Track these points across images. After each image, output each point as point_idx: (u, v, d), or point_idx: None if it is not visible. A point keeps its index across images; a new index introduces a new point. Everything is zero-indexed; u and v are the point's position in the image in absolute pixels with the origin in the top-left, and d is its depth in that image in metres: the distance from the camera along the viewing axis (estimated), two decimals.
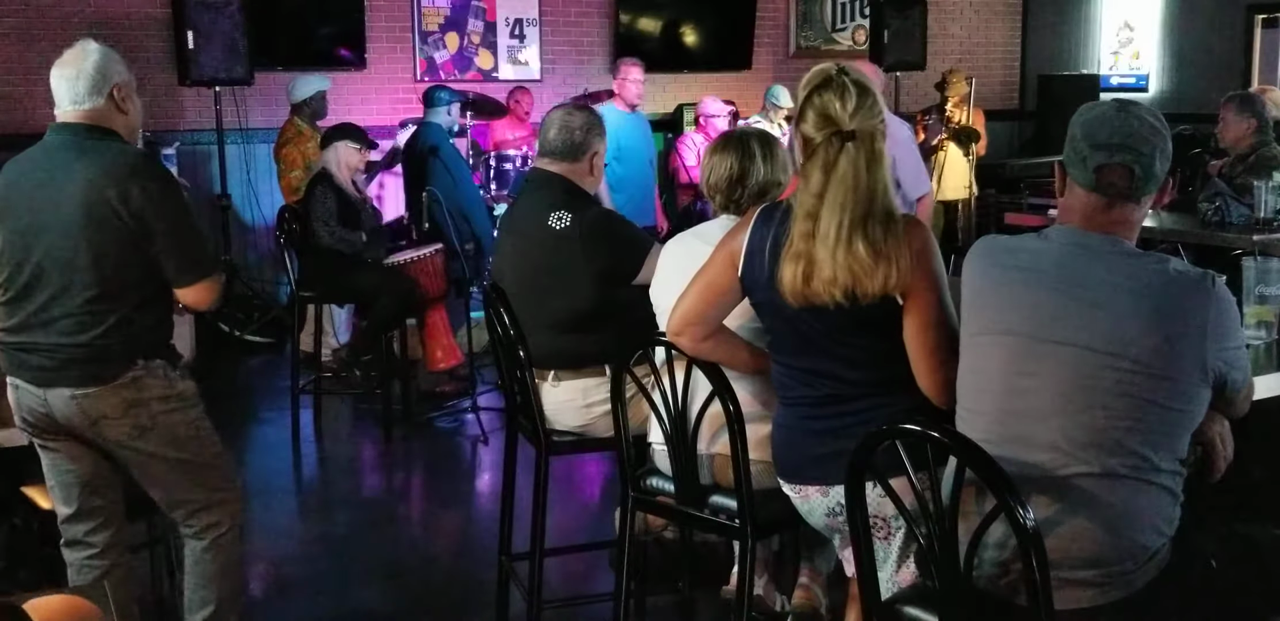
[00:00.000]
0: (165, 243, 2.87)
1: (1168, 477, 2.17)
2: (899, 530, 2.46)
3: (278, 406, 6.04)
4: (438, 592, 4.04)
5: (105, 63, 2.95)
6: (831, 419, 2.55)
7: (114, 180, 2.82)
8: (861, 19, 10.07)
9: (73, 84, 2.91)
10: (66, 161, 2.87)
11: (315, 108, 7.06)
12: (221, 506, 3.11)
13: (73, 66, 2.92)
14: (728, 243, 2.63)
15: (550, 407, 3.37)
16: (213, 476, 3.10)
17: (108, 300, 2.87)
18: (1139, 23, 10.29)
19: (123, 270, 2.87)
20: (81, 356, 2.88)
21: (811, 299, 2.44)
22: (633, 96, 7.08)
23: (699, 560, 3.72)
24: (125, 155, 2.91)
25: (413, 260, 5.83)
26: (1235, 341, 2.22)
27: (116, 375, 2.90)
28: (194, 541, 3.11)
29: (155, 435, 2.96)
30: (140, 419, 2.94)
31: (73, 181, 2.83)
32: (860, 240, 2.39)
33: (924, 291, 2.43)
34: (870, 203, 2.41)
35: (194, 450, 3.04)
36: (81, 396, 2.89)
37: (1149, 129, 2.22)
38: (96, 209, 2.81)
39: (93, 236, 2.83)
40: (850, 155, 2.41)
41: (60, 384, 2.89)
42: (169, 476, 3.03)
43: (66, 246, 2.84)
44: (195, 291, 2.96)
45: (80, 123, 2.91)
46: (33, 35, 7.50)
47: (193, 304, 3.02)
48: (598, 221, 3.45)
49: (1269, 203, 5.36)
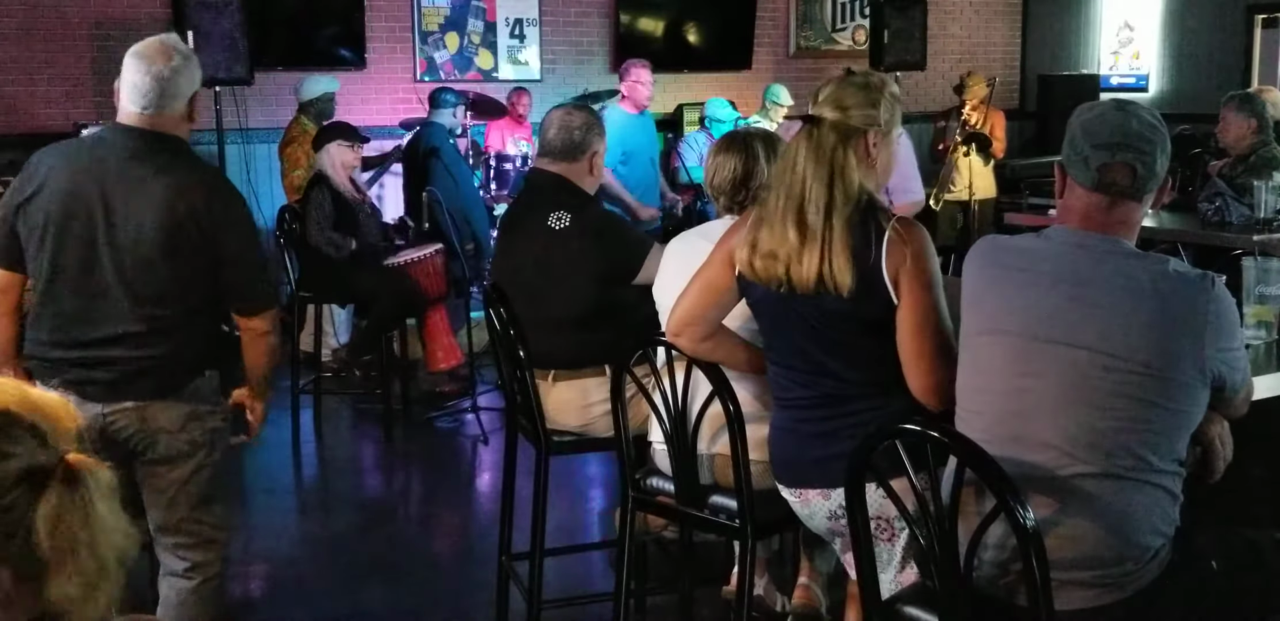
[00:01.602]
0: (232, 268, 2.83)
1: (1167, 478, 2.17)
2: (903, 531, 2.45)
3: (278, 406, 6.00)
4: (438, 592, 4.04)
5: (192, 65, 2.83)
6: (829, 421, 2.55)
7: (191, 198, 2.74)
8: (861, 19, 10.07)
9: (157, 84, 2.76)
10: (138, 174, 2.75)
11: (322, 108, 7.07)
12: (214, 546, 3.03)
13: (159, 65, 2.76)
14: (726, 242, 2.64)
15: (550, 407, 3.37)
16: (217, 513, 3.04)
17: (175, 316, 2.81)
18: (1139, 23, 10.29)
19: (191, 291, 2.82)
20: (153, 367, 2.82)
21: (757, 270, 2.51)
22: (643, 98, 7.09)
23: (699, 560, 3.72)
24: (200, 171, 2.85)
25: (413, 261, 5.83)
26: (1234, 342, 2.22)
27: (182, 385, 2.86)
28: (180, 580, 3.00)
29: (203, 454, 2.92)
30: (195, 434, 2.89)
31: (147, 197, 2.73)
32: (791, 222, 2.45)
33: (917, 293, 2.43)
34: (803, 187, 2.46)
35: (217, 478, 2.99)
36: (145, 407, 2.82)
37: (1149, 128, 2.22)
38: (174, 221, 2.73)
39: (167, 254, 2.75)
40: (798, 138, 2.49)
41: (129, 397, 2.81)
42: (186, 501, 2.94)
43: (140, 257, 2.75)
44: (258, 322, 2.92)
45: (151, 130, 2.79)
46: (33, 35, 7.50)
47: (250, 334, 2.95)
48: (597, 221, 3.45)
49: (1269, 203, 5.35)
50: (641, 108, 7.13)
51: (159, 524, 2.97)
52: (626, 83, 7.14)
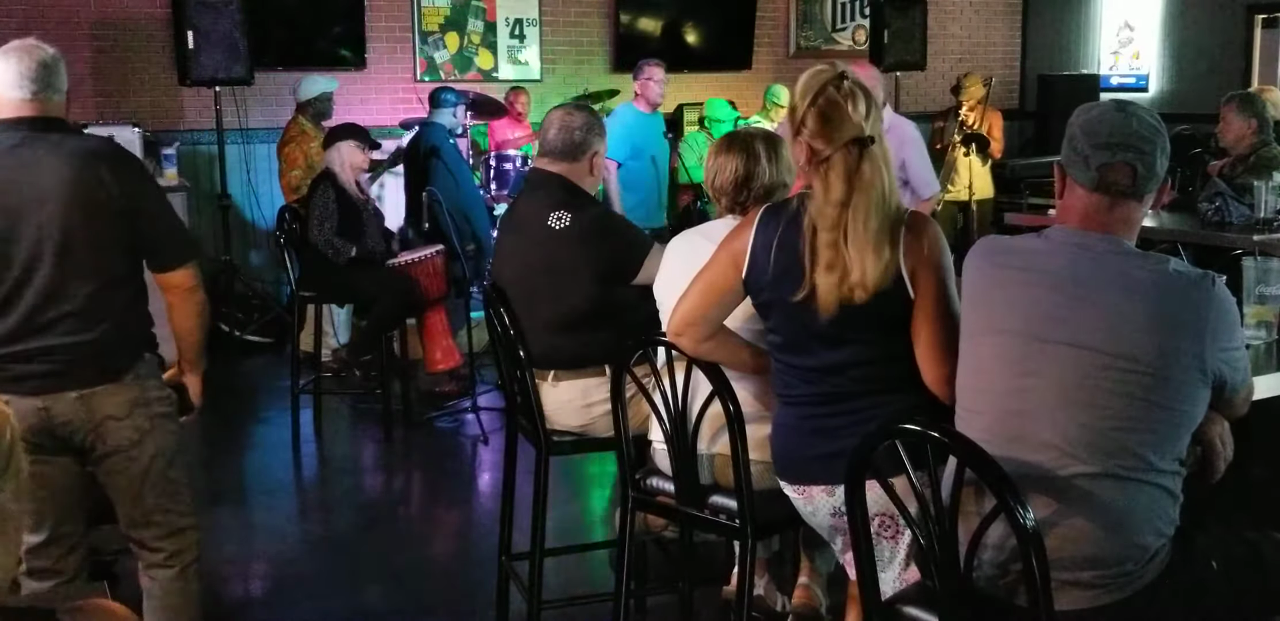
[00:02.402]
0: (152, 223, 2.82)
1: (1167, 478, 2.17)
2: (908, 529, 2.45)
3: (278, 406, 6.04)
4: (438, 592, 4.04)
5: (62, 62, 2.89)
6: (835, 417, 2.55)
7: (101, 161, 2.76)
8: (861, 19, 10.07)
9: (44, 69, 2.81)
10: (39, 153, 2.75)
11: (320, 108, 7.07)
12: (188, 533, 3.02)
13: (39, 53, 2.83)
14: (730, 243, 2.63)
15: (550, 407, 3.37)
16: (184, 499, 3.02)
17: (108, 289, 2.79)
18: (1139, 23, 10.29)
19: (117, 256, 2.80)
20: (91, 353, 2.79)
21: (842, 300, 2.45)
22: (655, 96, 7.10)
23: (699, 560, 3.72)
24: (102, 140, 2.87)
25: (414, 261, 5.83)
26: (1235, 342, 2.22)
27: (125, 369, 2.84)
28: (162, 570, 2.99)
29: (152, 441, 2.90)
30: (141, 421, 2.88)
31: (57, 168, 2.73)
32: (886, 245, 2.42)
33: (933, 285, 2.44)
34: (888, 206, 2.44)
35: (177, 464, 2.98)
36: (89, 395, 2.80)
37: (1149, 128, 2.22)
38: (87, 191, 2.73)
39: (88, 220, 2.74)
40: (872, 162, 2.43)
41: (69, 387, 2.79)
42: (151, 491, 2.93)
43: (59, 235, 2.73)
44: (180, 276, 2.89)
45: (39, 116, 2.80)
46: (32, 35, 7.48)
47: (177, 292, 2.90)
48: (597, 221, 3.45)
49: (1269, 203, 5.35)
50: (655, 106, 7.15)
51: (129, 519, 2.96)
52: (640, 81, 7.14)
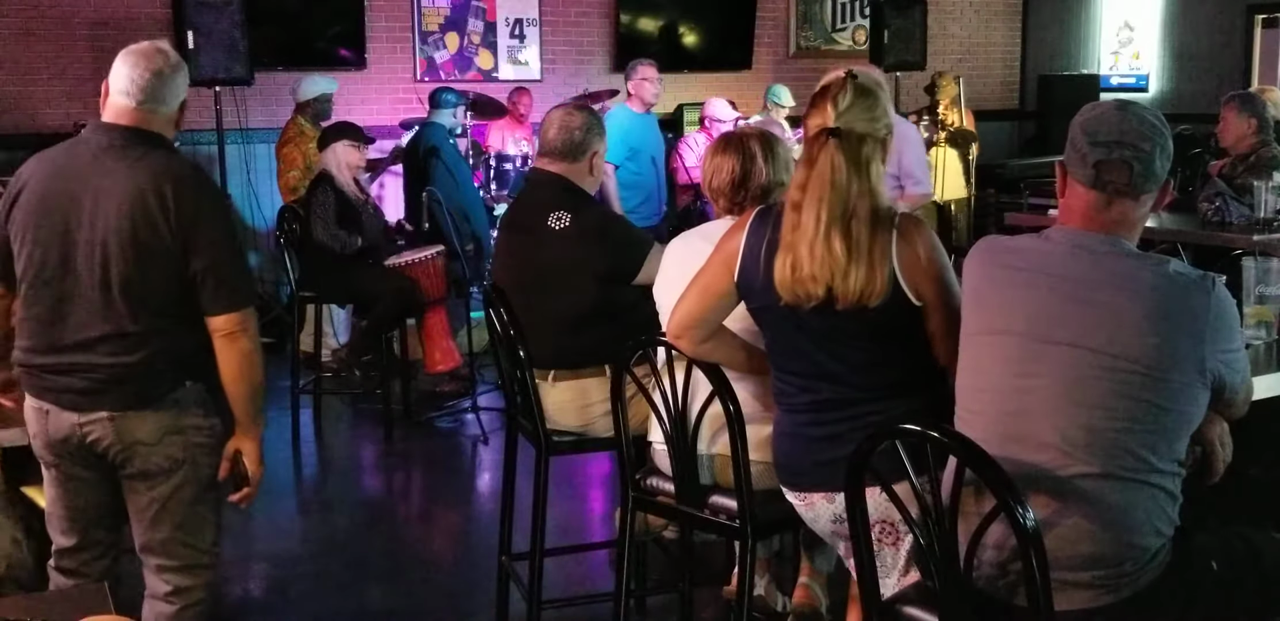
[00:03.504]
0: (201, 259, 2.65)
1: (1167, 478, 2.17)
2: (908, 535, 2.45)
3: (278, 406, 6.02)
4: (438, 592, 4.04)
5: (185, 72, 2.76)
6: (834, 424, 2.54)
7: (163, 189, 2.62)
8: (861, 19, 10.07)
9: (155, 79, 2.69)
10: (117, 165, 2.65)
11: (319, 108, 7.06)
12: (200, 571, 2.86)
13: (159, 62, 2.70)
14: (724, 245, 2.63)
15: (550, 407, 3.37)
16: (207, 536, 2.86)
17: (155, 316, 2.67)
18: (1139, 23, 10.29)
19: (167, 283, 2.66)
20: (128, 376, 2.68)
21: (799, 294, 2.44)
22: (650, 96, 7.09)
23: (699, 560, 3.72)
24: (184, 164, 2.72)
25: (414, 262, 5.83)
26: (1234, 343, 2.22)
27: (162, 396, 2.71)
28: (161, 604, 2.84)
29: (183, 471, 2.76)
30: (173, 449, 2.74)
31: (122, 190, 2.62)
32: (837, 238, 2.39)
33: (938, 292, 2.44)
34: (848, 202, 2.41)
35: (206, 500, 2.83)
36: (120, 418, 2.69)
37: (1149, 127, 2.22)
38: (145, 213, 2.61)
39: (139, 243, 2.62)
40: (829, 152, 2.41)
41: (101, 406, 2.68)
42: (169, 521, 2.79)
43: (109, 253, 2.63)
44: (221, 321, 2.69)
45: (136, 126, 2.70)
46: (33, 35, 7.49)
47: (218, 336, 2.71)
48: (597, 221, 3.45)
49: (1269, 203, 5.35)
50: (648, 106, 7.13)
51: (141, 542, 2.84)
52: (633, 81, 7.14)
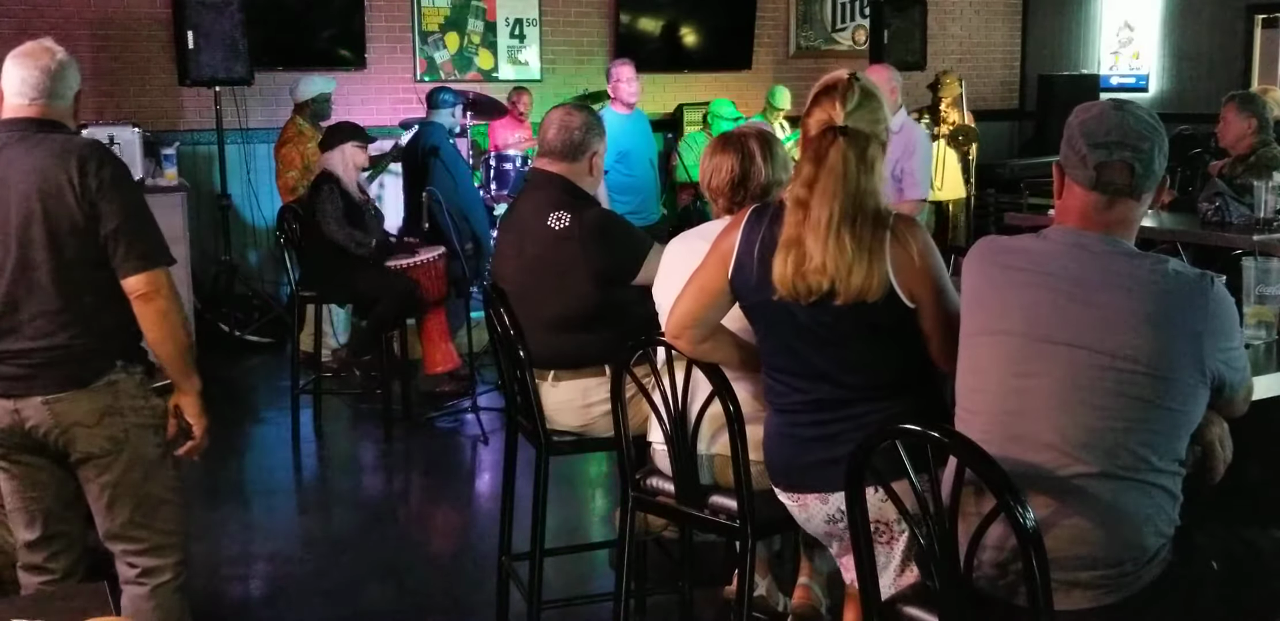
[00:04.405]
0: (115, 226, 2.73)
1: (1166, 478, 2.17)
2: (902, 534, 2.45)
3: (278, 406, 6.04)
4: (438, 592, 4.04)
5: (74, 66, 2.90)
6: (827, 425, 2.54)
7: (66, 164, 2.71)
8: (861, 19, 10.07)
9: (46, 76, 2.82)
10: (18, 152, 2.76)
11: (318, 108, 7.07)
12: (166, 551, 2.91)
13: (45, 60, 2.84)
14: (719, 244, 2.63)
15: (550, 407, 3.37)
16: (166, 515, 2.91)
17: (77, 293, 2.74)
18: (1139, 23, 10.29)
19: (85, 259, 2.74)
20: (59, 358, 2.75)
21: (799, 288, 2.44)
22: (628, 96, 7.07)
23: (699, 560, 3.72)
24: (83, 141, 2.83)
25: (415, 263, 5.83)
26: (1233, 342, 2.22)
27: (96, 376, 2.78)
28: (133, 587, 2.89)
29: (127, 452, 2.82)
30: (114, 430, 2.80)
31: (25, 172, 2.72)
32: (847, 234, 2.40)
33: (932, 293, 2.44)
34: (857, 200, 2.42)
35: (158, 479, 2.88)
36: (54, 401, 2.75)
37: (1146, 127, 2.23)
38: (51, 197, 2.70)
39: (52, 221, 2.70)
40: (840, 149, 2.42)
41: (35, 391, 2.75)
42: (124, 504, 2.85)
43: (24, 234, 2.71)
44: (140, 281, 2.74)
45: (35, 117, 2.81)
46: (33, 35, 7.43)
47: (135, 299, 2.76)
48: (597, 221, 3.45)
49: (1269, 203, 5.35)
50: (630, 106, 7.12)
51: (104, 531, 2.89)
52: (610, 84, 7.15)
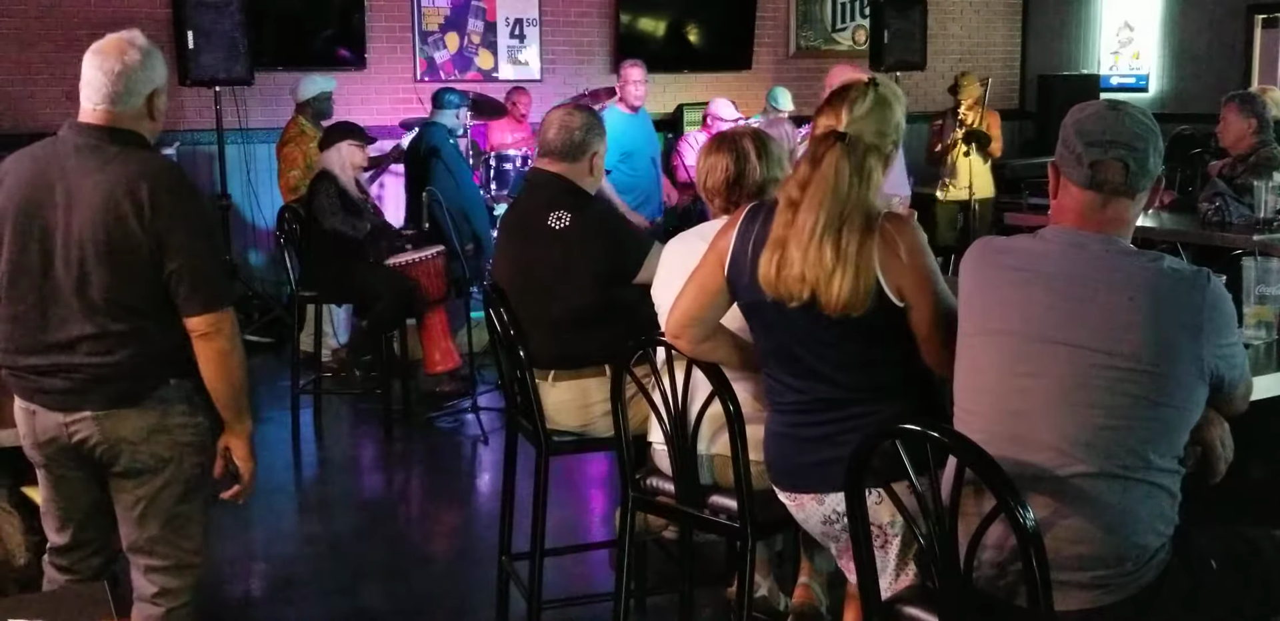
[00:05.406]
0: (179, 265, 2.64)
1: (1166, 477, 2.17)
2: (896, 537, 2.45)
3: (278, 406, 6.04)
4: (438, 592, 4.04)
5: (151, 61, 2.75)
6: (823, 425, 2.53)
7: (136, 190, 2.60)
8: (861, 19, 10.07)
9: (110, 80, 2.68)
10: (89, 166, 2.65)
11: (319, 108, 7.07)
12: (186, 572, 2.86)
13: (113, 60, 2.69)
14: (717, 243, 2.63)
15: (550, 407, 3.37)
16: (193, 536, 2.86)
17: (132, 317, 2.66)
18: (1139, 23, 10.29)
19: (144, 284, 2.65)
20: (112, 375, 2.68)
21: (781, 292, 2.43)
22: (634, 98, 7.10)
23: (699, 560, 3.72)
24: (151, 164, 2.69)
25: (414, 262, 5.83)
26: (1231, 339, 2.22)
27: (146, 394, 2.71)
28: (148, 606, 2.83)
29: (169, 469, 2.77)
30: (160, 448, 2.74)
31: (94, 191, 2.62)
32: (829, 244, 2.37)
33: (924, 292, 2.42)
34: (845, 209, 2.39)
35: (192, 501, 2.83)
36: (104, 417, 2.69)
37: (1141, 126, 2.24)
38: (118, 214, 2.59)
39: (113, 245, 2.61)
40: (835, 155, 2.40)
41: (86, 405, 2.69)
42: (154, 520, 2.79)
43: (84, 254, 2.62)
44: (202, 322, 2.69)
45: (105, 125, 2.69)
46: (33, 36, 7.50)
47: (194, 337, 2.70)
48: (597, 221, 3.45)
49: (1269, 203, 5.35)
50: (635, 107, 7.14)
51: (128, 542, 2.84)
52: (618, 84, 7.16)
